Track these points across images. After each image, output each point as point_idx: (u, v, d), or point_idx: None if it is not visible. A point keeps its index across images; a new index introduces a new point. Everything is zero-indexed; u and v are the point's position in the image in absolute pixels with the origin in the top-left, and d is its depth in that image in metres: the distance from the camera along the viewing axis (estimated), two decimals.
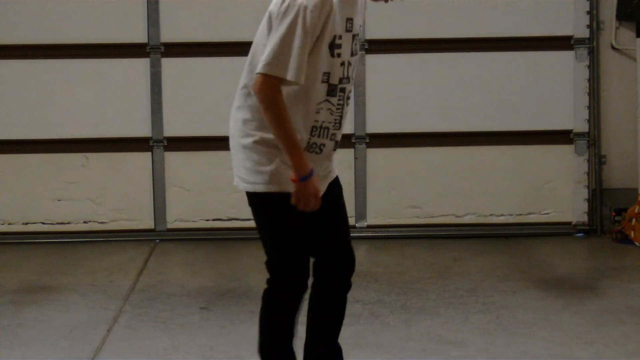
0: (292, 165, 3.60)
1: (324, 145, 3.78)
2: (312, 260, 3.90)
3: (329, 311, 3.98)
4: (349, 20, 3.68)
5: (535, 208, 7.28)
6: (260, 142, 3.68)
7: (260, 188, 3.68)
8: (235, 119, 3.76)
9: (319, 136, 3.76)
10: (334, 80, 3.73)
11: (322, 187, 3.78)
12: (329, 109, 3.77)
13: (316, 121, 3.74)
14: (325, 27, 3.59)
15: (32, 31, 7.09)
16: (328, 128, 3.78)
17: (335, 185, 3.93)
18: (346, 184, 7.14)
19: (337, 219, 3.94)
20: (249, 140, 3.68)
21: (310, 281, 3.89)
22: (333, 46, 3.64)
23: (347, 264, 3.96)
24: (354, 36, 3.73)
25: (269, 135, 3.64)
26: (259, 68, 3.56)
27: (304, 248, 3.77)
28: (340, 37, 3.65)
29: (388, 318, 5.27)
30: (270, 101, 3.55)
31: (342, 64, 3.71)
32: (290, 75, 3.54)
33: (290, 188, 3.64)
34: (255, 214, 3.79)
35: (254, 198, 3.74)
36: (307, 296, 3.91)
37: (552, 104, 7.21)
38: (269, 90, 3.54)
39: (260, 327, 3.88)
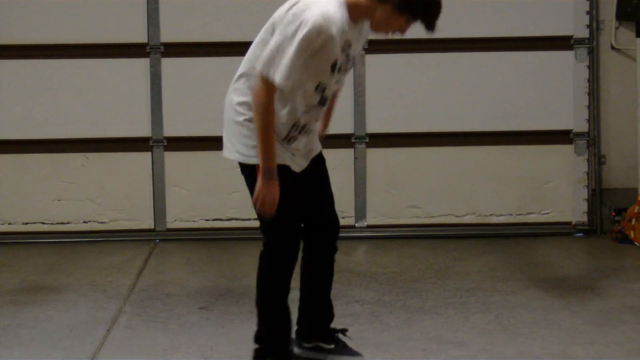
0: (260, 164, 3.98)
1: (297, 138, 4.17)
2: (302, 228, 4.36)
3: (319, 271, 4.44)
4: (347, 43, 4.01)
5: (535, 208, 7.28)
6: (252, 120, 4.06)
7: (254, 160, 4.07)
8: (231, 100, 4.19)
9: (296, 131, 4.15)
10: (327, 93, 4.13)
11: (305, 163, 4.23)
12: (316, 114, 4.20)
13: (298, 120, 4.13)
14: (325, 48, 3.91)
15: (32, 31, 7.09)
16: (309, 128, 4.21)
17: (319, 159, 4.37)
18: (346, 184, 7.19)
19: (323, 190, 4.39)
20: (242, 118, 4.10)
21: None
22: (335, 65, 4.01)
23: (332, 228, 4.41)
24: (348, 56, 4.07)
25: None
26: (258, 66, 3.93)
27: (294, 211, 4.16)
28: (338, 59, 4.01)
29: (388, 318, 5.27)
30: (263, 106, 3.93)
31: (337, 81, 4.14)
32: (278, 80, 3.90)
33: (279, 160, 4.04)
34: (250, 184, 4.15)
35: (249, 169, 4.13)
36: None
37: (552, 104, 7.22)
38: (265, 96, 3.91)
39: (257, 284, 4.29)
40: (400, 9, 3.91)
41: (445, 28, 7.13)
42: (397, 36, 4.04)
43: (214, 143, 6.95)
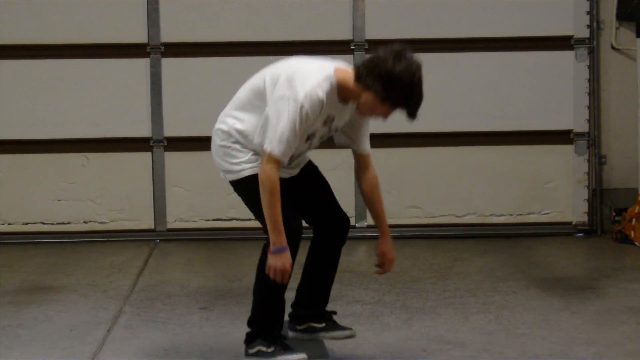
0: (270, 238, 4.23)
1: None
2: (309, 228, 4.54)
3: (324, 263, 4.58)
4: (330, 117, 4.29)
5: (535, 208, 7.28)
6: (235, 143, 4.39)
7: (245, 173, 4.35)
8: (215, 129, 4.48)
9: None
10: (295, 155, 4.37)
11: (294, 171, 4.46)
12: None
13: None
14: (312, 124, 4.23)
15: (32, 31, 7.09)
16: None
17: (310, 166, 4.58)
18: (346, 184, 7.18)
19: (320, 188, 4.58)
20: (223, 142, 4.41)
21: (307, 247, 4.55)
22: (310, 137, 4.30)
23: (339, 222, 4.57)
24: (329, 129, 4.37)
25: (242, 141, 4.36)
26: (268, 146, 4.16)
27: (290, 209, 4.30)
28: (317, 130, 4.30)
29: (388, 318, 5.27)
30: (271, 184, 4.17)
31: (309, 146, 4.40)
32: (281, 157, 4.18)
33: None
34: (245, 196, 4.42)
35: (241, 184, 4.39)
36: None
37: (552, 104, 7.22)
38: (271, 172, 4.16)
39: (257, 273, 4.40)
40: (382, 99, 4.12)
41: (445, 28, 7.21)
42: (380, 120, 4.28)
43: None
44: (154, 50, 7.12)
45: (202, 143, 7.08)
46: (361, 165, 4.64)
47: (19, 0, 7.07)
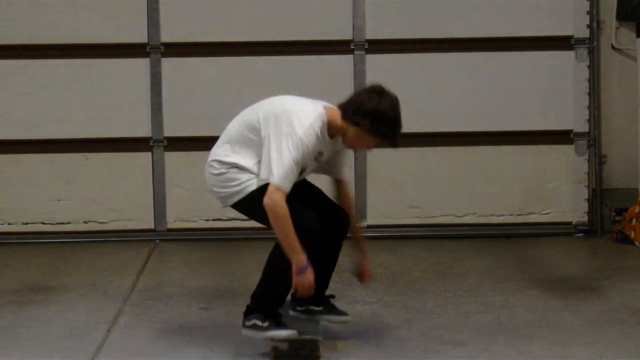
0: (292, 261, 4.47)
1: None
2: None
3: (326, 254, 4.81)
4: (320, 153, 4.63)
5: (535, 208, 7.28)
6: (232, 167, 4.64)
7: (251, 188, 4.59)
8: (209, 162, 4.74)
9: None
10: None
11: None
12: None
13: None
14: (310, 157, 4.57)
15: (32, 31, 7.09)
16: None
17: None
18: None
19: (314, 191, 4.85)
20: (222, 169, 4.65)
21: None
22: (302, 171, 4.60)
23: (342, 217, 4.84)
24: (317, 160, 4.66)
25: (237, 165, 4.61)
26: (273, 179, 4.43)
27: (301, 207, 4.53)
28: (308, 165, 4.61)
29: (388, 318, 5.27)
30: (282, 212, 4.42)
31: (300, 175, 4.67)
32: (286, 188, 4.44)
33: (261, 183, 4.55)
34: (253, 210, 4.61)
35: (247, 200, 4.61)
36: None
37: (552, 104, 7.22)
38: (280, 202, 4.41)
39: (273, 250, 4.57)
40: (369, 132, 4.55)
41: (446, 28, 7.21)
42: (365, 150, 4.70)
43: (213, 143, 7.00)
44: (154, 50, 7.12)
45: (202, 143, 7.09)
46: (339, 191, 4.93)
47: (19, 0, 7.07)
